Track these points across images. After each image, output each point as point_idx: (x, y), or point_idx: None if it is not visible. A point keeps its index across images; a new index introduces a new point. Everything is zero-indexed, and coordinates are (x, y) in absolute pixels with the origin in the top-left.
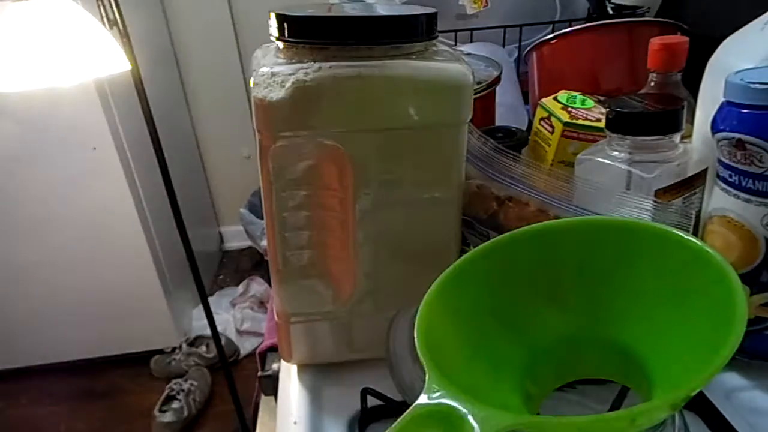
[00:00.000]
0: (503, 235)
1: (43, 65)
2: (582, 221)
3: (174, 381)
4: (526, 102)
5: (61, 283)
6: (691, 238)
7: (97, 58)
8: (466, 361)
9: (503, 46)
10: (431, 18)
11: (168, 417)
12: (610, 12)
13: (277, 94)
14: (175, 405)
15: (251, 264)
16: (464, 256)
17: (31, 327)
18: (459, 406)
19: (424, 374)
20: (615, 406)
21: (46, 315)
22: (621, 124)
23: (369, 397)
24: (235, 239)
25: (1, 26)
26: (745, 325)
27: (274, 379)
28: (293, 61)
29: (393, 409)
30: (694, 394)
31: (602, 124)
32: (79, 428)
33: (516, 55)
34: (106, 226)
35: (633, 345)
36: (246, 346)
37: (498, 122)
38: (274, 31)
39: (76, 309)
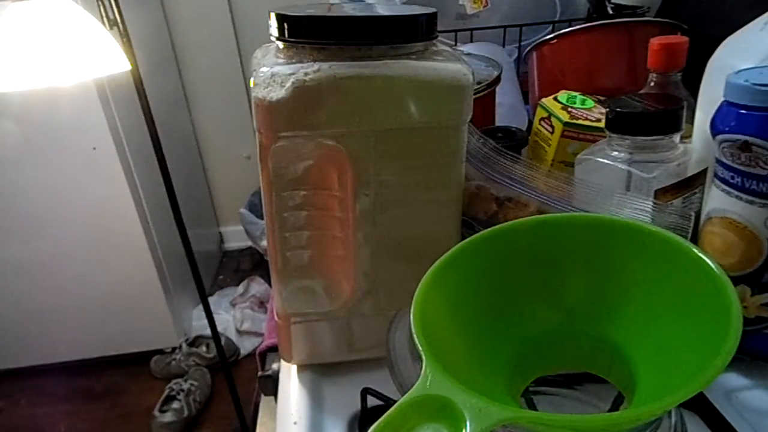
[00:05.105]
0: (505, 224)
1: (43, 65)
2: (585, 217)
3: (174, 381)
4: (526, 102)
5: (60, 283)
6: (690, 246)
7: (97, 58)
8: (461, 351)
9: (503, 46)
10: (431, 18)
11: (168, 417)
12: (610, 12)
13: (277, 94)
14: (175, 405)
15: (251, 264)
16: (461, 243)
17: (30, 327)
18: (453, 397)
19: None
20: (616, 403)
21: (45, 315)
22: (621, 124)
23: (369, 397)
24: (235, 239)
25: (1, 26)
26: (738, 339)
27: (274, 379)
28: (293, 61)
29: None
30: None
31: (602, 124)
32: (79, 428)
33: (516, 55)
34: (106, 226)
35: (623, 343)
36: (246, 346)
37: (498, 122)
38: (274, 31)
39: (76, 309)
